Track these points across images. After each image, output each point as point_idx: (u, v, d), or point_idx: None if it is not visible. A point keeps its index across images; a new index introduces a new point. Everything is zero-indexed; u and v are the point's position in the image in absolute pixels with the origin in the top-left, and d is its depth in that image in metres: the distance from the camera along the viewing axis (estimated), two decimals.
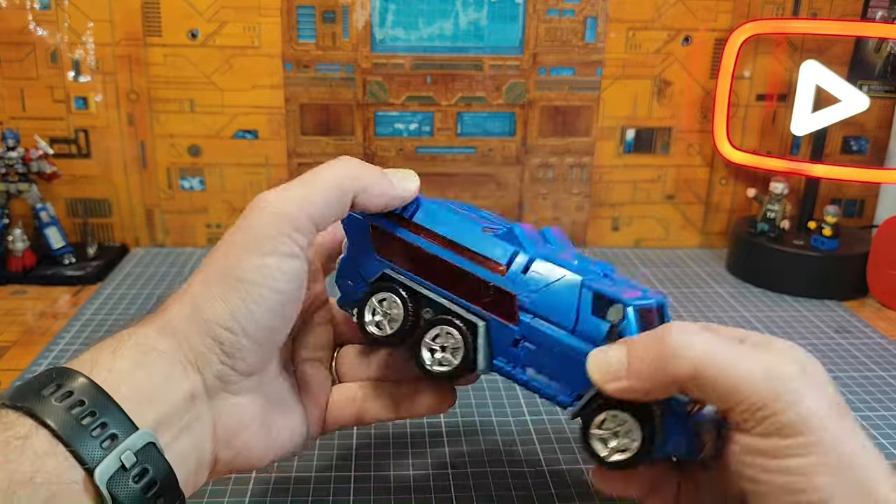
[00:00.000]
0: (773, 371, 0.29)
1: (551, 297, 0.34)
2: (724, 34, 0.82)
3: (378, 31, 0.80)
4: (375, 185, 0.36)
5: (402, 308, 0.38)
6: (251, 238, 0.33)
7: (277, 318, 0.34)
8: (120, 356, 0.31)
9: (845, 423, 0.30)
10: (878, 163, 0.88)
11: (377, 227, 0.39)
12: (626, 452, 0.32)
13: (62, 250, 0.77)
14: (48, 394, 0.28)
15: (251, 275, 0.33)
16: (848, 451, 0.29)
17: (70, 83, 0.79)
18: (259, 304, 0.33)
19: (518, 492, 0.45)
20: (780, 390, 0.29)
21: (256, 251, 0.33)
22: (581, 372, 0.33)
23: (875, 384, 0.59)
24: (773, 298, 0.75)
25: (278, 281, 0.33)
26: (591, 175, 0.87)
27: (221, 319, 0.32)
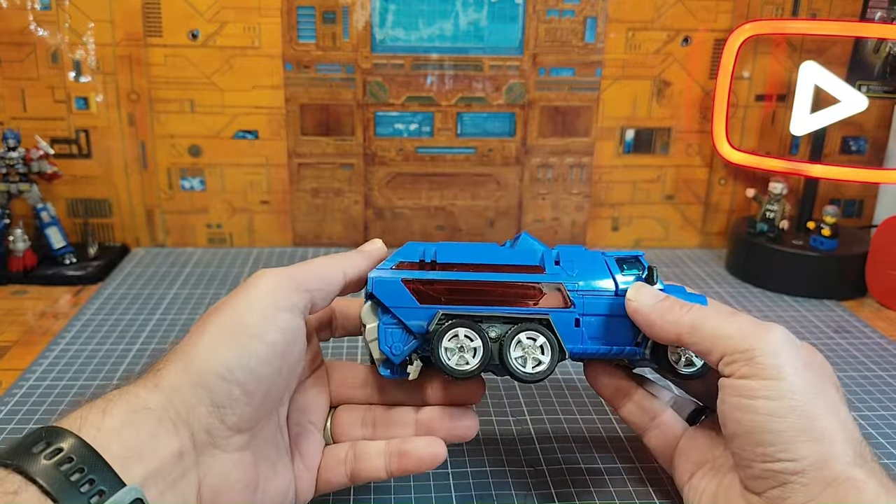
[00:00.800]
0: (751, 330, 0.36)
1: (589, 273, 0.41)
2: (723, 34, 0.82)
3: (378, 31, 0.80)
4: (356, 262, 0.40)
5: (478, 337, 0.39)
6: (250, 295, 0.35)
7: (272, 371, 0.34)
8: (109, 414, 0.31)
9: (823, 394, 0.34)
10: (877, 163, 0.88)
11: (409, 280, 0.40)
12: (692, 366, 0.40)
13: (63, 250, 0.77)
14: (38, 451, 0.29)
15: (247, 326, 0.34)
16: (824, 426, 0.33)
17: (71, 83, 0.79)
18: (252, 357, 0.33)
19: (518, 491, 0.45)
20: (756, 344, 0.35)
21: (254, 305, 0.35)
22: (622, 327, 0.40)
23: (874, 384, 0.59)
24: (773, 298, 0.75)
25: (274, 333, 0.34)
26: (591, 175, 0.87)
27: (214, 369, 0.33)
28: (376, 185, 0.86)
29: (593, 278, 0.41)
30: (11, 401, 0.53)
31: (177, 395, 0.33)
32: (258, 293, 0.35)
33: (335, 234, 0.87)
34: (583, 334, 0.40)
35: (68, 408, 0.32)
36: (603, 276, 0.41)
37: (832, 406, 0.34)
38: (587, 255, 0.42)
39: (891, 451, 0.50)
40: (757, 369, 0.34)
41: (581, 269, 0.41)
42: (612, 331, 0.40)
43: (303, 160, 0.84)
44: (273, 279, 0.36)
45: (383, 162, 0.85)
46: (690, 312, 0.38)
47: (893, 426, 0.53)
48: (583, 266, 0.41)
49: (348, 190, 0.86)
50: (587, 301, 0.40)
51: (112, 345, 0.62)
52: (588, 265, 0.41)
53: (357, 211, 0.87)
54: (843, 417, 0.34)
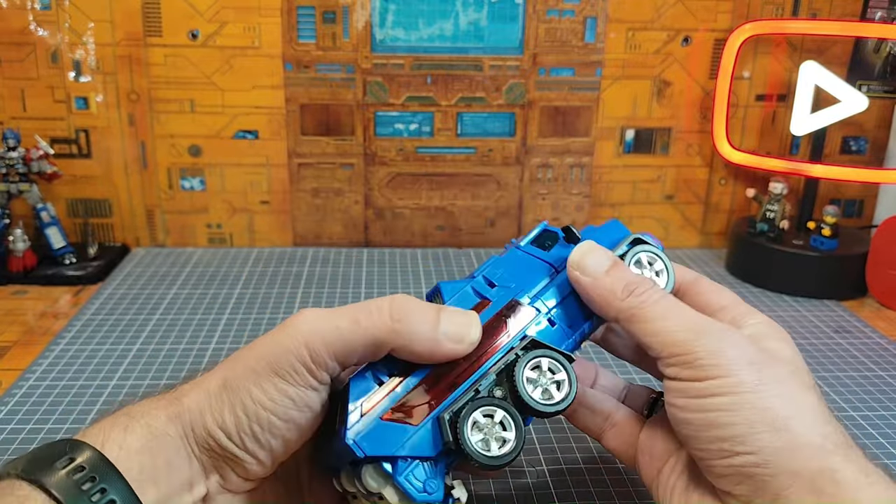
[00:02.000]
0: (691, 332, 0.33)
1: (526, 276, 0.38)
2: (723, 34, 0.82)
3: (378, 31, 0.80)
4: (420, 341, 0.33)
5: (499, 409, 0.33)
6: (274, 358, 0.33)
7: (282, 443, 0.34)
8: (131, 433, 0.32)
9: (782, 381, 0.32)
10: (878, 163, 0.88)
11: (387, 414, 0.34)
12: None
13: (63, 250, 0.77)
14: (60, 466, 0.30)
15: (263, 397, 0.33)
16: (782, 414, 0.31)
17: (71, 83, 0.79)
18: (264, 428, 0.33)
19: (518, 492, 0.45)
20: (695, 347, 0.32)
21: (275, 374, 0.33)
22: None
23: (875, 384, 0.59)
24: (773, 298, 0.75)
25: (289, 410, 0.33)
26: (591, 175, 0.87)
27: (227, 429, 0.33)
28: (376, 185, 0.86)
29: (532, 277, 0.38)
30: (11, 401, 0.53)
31: (192, 434, 0.33)
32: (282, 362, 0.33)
33: (335, 234, 0.87)
34: (562, 331, 0.37)
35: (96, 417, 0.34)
36: (538, 269, 0.38)
37: (793, 394, 0.32)
38: (510, 261, 0.39)
39: (891, 452, 0.50)
40: (699, 372, 0.32)
41: (516, 277, 0.38)
42: (575, 311, 0.37)
43: (303, 160, 0.84)
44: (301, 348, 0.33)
45: (383, 162, 0.85)
46: (632, 297, 0.35)
47: (893, 426, 0.53)
48: (515, 273, 0.38)
49: (348, 190, 0.86)
50: (542, 298, 0.37)
51: (112, 345, 0.62)
52: (518, 268, 0.38)
53: (357, 211, 0.86)
54: (811, 403, 0.32)
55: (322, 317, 0.33)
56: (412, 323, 0.33)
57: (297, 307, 0.70)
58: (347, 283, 0.77)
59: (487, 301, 0.37)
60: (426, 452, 0.33)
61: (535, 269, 0.38)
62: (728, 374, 0.32)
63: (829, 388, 0.58)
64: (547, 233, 0.40)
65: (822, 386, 0.58)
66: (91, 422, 0.34)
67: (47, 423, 0.51)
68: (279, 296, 0.73)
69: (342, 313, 0.33)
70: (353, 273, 0.80)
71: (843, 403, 0.56)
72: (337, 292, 0.74)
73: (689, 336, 0.33)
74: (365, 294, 0.74)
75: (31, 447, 0.48)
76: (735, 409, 0.31)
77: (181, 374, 0.58)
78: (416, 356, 0.34)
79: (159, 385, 0.56)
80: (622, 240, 0.39)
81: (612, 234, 0.40)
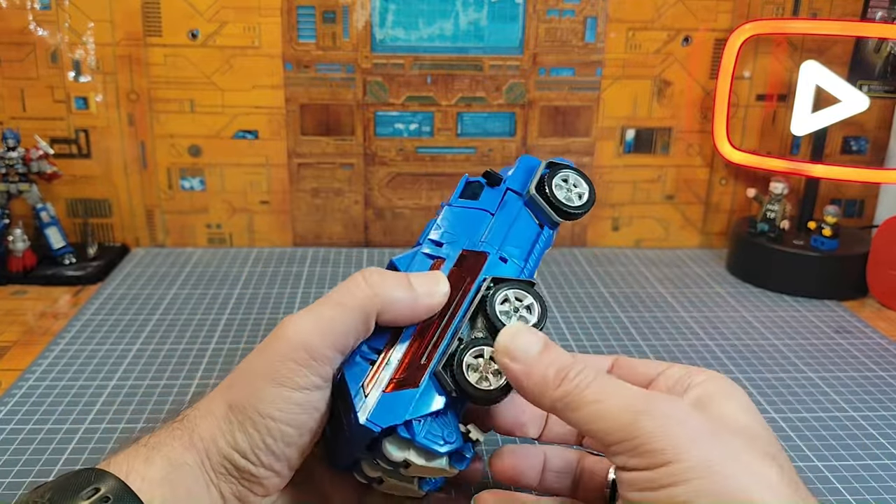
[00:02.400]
0: (629, 412, 0.29)
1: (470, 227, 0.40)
2: (724, 34, 0.82)
3: (378, 31, 0.80)
4: (399, 301, 0.35)
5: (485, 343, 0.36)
6: (273, 369, 0.33)
7: (296, 449, 0.34)
8: (151, 464, 0.32)
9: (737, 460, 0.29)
10: (878, 163, 0.88)
11: (391, 383, 0.35)
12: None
13: (62, 250, 0.77)
14: (86, 496, 0.30)
15: (270, 409, 0.33)
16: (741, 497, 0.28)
17: (70, 83, 0.79)
18: (277, 439, 0.33)
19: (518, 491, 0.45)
20: (636, 431, 0.29)
21: (277, 384, 0.33)
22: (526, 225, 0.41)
23: (875, 384, 0.59)
24: (773, 298, 0.75)
25: (298, 415, 0.34)
26: (592, 175, 0.87)
27: (241, 449, 0.33)
28: (376, 185, 0.86)
29: (472, 226, 0.40)
30: (11, 401, 0.53)
31: (208, 460, 0.33)
32: (279, 369, 0.33)
33: (335, 234, 0.87)
34: (514, 264, 0.39)
35: (116, 445, 0.35)
36: (475, 218, 0.40)
37: (751, 469, 0.29)
38: (448, 219, 0.41)
39: (891, 452, 0.50)
40: (646, 459, 0.29)
41: (458, 231, 0.40)
42: (520, 233, 0.40)
43: (303, 160, 0.84)
44: (294, 351, 0.33)
45: (383, 162, 0.85)
46: (564, 383, 0.31)
47: (894, 426, 0.53)
48: (456, 228, 0.40)
49: (348, 190, 0.86)
50: (488, 240, 0.40)
51: (112, 345, 0.62)
52: (457, 223, 0.40)
53: (357, 211, 0.86)
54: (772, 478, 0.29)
55: (307, 315, 0.34)
56: (389, 288, 0.35)
57: (297, 307, 0.70)
58: None
59: (441, 259, 0.39)
60: (435, 407, 0.34)
61: (473, 218, 0.40)
62: (676, 458, 0.28)
63: (829, 388, 0.58)
64: (471, 184, 0.42)
65: (822, 386, 0.58)
66: (110, 451, 0.36)
67: (47, 423, 0.51)
68: (279, 296, 0.73)
69: (324, 304, 0.34)
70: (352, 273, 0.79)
71: (844, 403, 0.56)
72: None
73: (628, 417, 0.29)
74: None
75: (31, 447, 0.48)
76: (692, 500, 0.28)
77: (181, 374, 0.58)
78: (399, 319, 0.35)
79: (158, 385, 0.56)
80: (537, 168, 0.42)
81: (526, 168, 0.43)
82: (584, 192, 0.42)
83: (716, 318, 0.70)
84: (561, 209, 0.41)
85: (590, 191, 0.42)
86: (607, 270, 0.82)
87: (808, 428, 0.53)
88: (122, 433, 0.50)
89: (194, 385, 0.56)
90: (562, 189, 0.41)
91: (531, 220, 0.41)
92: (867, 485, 0.46)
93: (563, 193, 0.41)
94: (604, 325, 0.68)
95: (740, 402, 0.33)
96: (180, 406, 0.53)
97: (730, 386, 0.34)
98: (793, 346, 0.65)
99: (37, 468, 0.46)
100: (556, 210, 0.41)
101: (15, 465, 0.46)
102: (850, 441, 0.51)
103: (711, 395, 0.33)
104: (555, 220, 0.42)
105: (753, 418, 0.32)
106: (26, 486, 0.44)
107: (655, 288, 0.77)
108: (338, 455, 0.38)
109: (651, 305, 0.73)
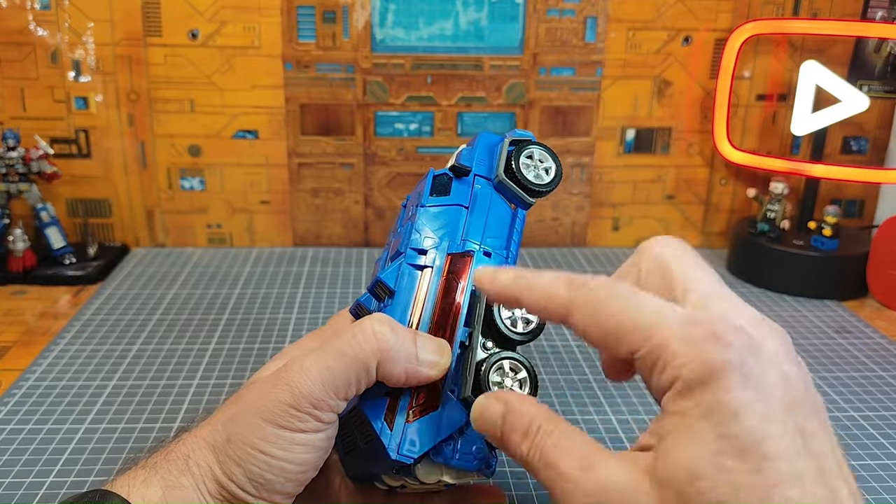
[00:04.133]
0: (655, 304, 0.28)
1: (440, 224, 0.39)
2: (724, 34, 0.82)
3: (378, 31, 0.80)
4: (400, 362, 0.34)
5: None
6: (274, 413, 0.33)
7: (297, 483, 0.34)
8: (150, 486, 0.33)
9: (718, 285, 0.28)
10: (878, 163, 0.88)
11: (412, 406, 0.36)
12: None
13: (62, 250, 0.77)
14: None
15: (270, 448, 0.33)
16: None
17: (70, 83, 0.79)
18: (276, 474, 0.33)
19: (518, 492, 0.45)
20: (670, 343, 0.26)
21: (282, 428, 0.33)
22: (500, 211, 0.40)
23: (875, 384, 0.59)
24: (774, 298, 0.75)
25: (300, 454, 0.34)
26: (592, 175, 0.87)
27: (237, 481, 0.33)
28: (376, 185, 0.86)
29: (451, 225, 0.39)
30: (11, 401, 0.53)
31: (204, 485, 0.34)
32: (282, 413, 0.33)
33: (335, 234, 0.87)
34: (498, 255, 0.39)
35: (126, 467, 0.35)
36: (452, 216, 0.39)
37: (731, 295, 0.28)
38: (426, 222, 0.39)
39: (891, 452, 0.50)
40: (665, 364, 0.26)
41: (438, 233, 0.39)
42: (496, 221, 0.40)
43: (303, 160, 0.84)
44: (295, 399, 0.33)
45: (383, 162, 0.85)
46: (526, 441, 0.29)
47: (894, 426, 0.53)
48: (435, 230, 0.39)
49: (348, 190, 0.86)
50: (469, 237, 0.39)
51: (112, 345, 0.62)
52: (435, 224, 0.39)
53: (357, 211, 0.86)
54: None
55: (312, 364, 0.34)
56: (394, 351, 0.34)
57: (296, 307, 0.70)
58: (347, 283, 0.77)
59: (429, 268, 0.38)
60: (458, 424, 0.34)
61: (450, 216, 0.39)
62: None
63: (829, 388, 0.58)
64: (438, 178, 0.41)
65: (822, 386, 0.58)
66: (118, 471, 0.35)
67: (47, 423, 0.51)
68: (279, 296, 0.73)
69: (328, 350, 0.34)
70: (353, 273, 0.79)
71: (844, 403, 0.56)
72: (337, 292, 0.74)
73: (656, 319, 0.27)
74: None
75: (31, 447, 0.48)
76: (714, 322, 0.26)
77: (181, 374, 0.58)
78: (392, 380, 0.34)
79: (158, 385, 0.56)
80: (499, 145, 0.41)
81: (487, 146, 0.42)
82: (551, 166, 0.41)
83: None
84: (532, 189, 0.40)
85: (556, 165, 0.41)
86: (607, 270, 0.82)
87: None
88: (122, 433, 0.50)
89: (194, 385, 0.56)
90: (530, 168, 0.40)
91: (504, 204, 0.41)
92: (867, 485, 0.46)
93: (533, 173, 0.40)
94: None
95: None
96: (178, 407, 0.53)
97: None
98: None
99: (37, 468, 0.46)
100: (527, 191, 0.40)
101: (15, 465, 0.46)
102: (850, 441, 0.51)
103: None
104: (528, 202, 0.41)
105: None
106: (26, 486, 0.44)
107: None
108: (353, 469, 0.38)
109: None
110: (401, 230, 0.41)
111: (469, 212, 0.40)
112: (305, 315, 0.69)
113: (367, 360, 0.33)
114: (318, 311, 0.70)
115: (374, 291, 0.38)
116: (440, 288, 0.37)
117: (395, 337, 0.34)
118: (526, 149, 0.41)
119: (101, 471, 0.46)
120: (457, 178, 0.41)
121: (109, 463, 0.47)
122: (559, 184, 0.41)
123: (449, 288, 0.37)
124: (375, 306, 0.38)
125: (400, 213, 0.44)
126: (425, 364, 0.34)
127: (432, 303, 0.37)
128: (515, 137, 0.41)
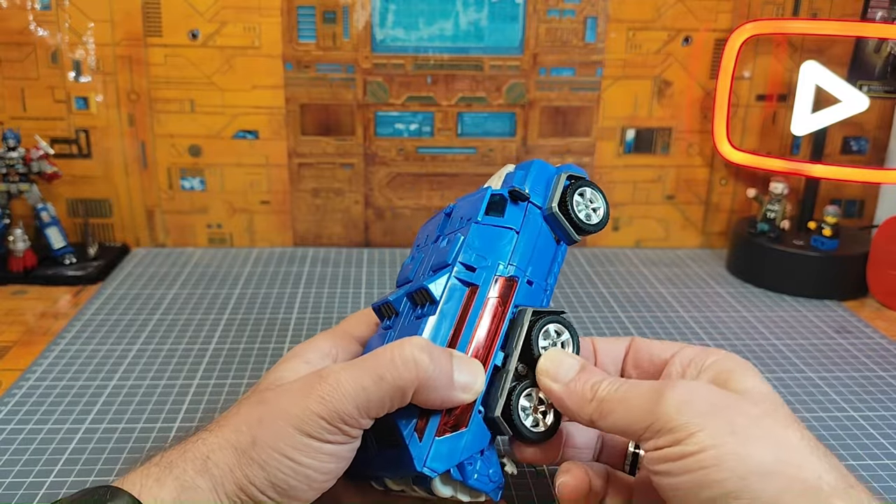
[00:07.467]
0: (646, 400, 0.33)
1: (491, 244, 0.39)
2: (724, 34, 0.82)
3: (378, 31, 0.80)
4: (437, 393, 0.35)
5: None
6: (304, 423, 0.33)
7: (317, 491, 0.35)
8: (163, 486, 0.33)
9: (758, 426, 0.31)
10: (878, 163, 0.88)
11: (440, 426, 0.36)
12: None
13: (63, 250, 0.77)
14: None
15: (297, 455, 0.33)
16: (767, 458, 0.30)
17: (70, 83, 0.79)
18: (301, 481, 0.34)
19: (518, 491, 0.45)
20: (653, 416, 0.32)
21: (311, 438, 0.33)
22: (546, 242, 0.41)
23: (875, 384, 0.59)
24: (773, 298, 0.75)
25: (326, 463, 0.34)
26: (592, 175, 0.87)
27: (259, 485, 0.33)
28: (376, 185, 0.86)
29: (500, 247, 0.39)
30: (11, 401, 0.53)
31: (222, 487, 0.33)
32: (312, 423, 0.33)
33: (335, 234, 0.87)
34: (538, 285, 0.40)
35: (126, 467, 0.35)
36: (503, 238, 0.39)
37: (773, 434, 0.31)
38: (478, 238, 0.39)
39: (891, 452, 0.50)
40: (667, 438, 0.31)
41: (487, 252, 0.39)
42: (542, 252, 0.40)
43: (303, 160, 0.84)
44: (328, 412, 0.33)
45: (384, 162, 0.85)
46: (597, 398, 0.35)
47: (894, 426, 0.53)
48: (485, 249, 0.39)
49: (348, 190, 0.86)
50: (516, 262, 0.39)
51: (112, 345, 0.62)
52: (485, 243, 0.39)
53: (357, 211, 0.86)
54: (793, 441, 0.31)
55: (348, 380, 0.34)
56: (431, 380, 0.34)
57: (297, 307, 0.70)
58: (347, 283, 0.77)
59: (476, 286, 0.38)
60: (482, 445, 0.36)
61: (501, 238, 0.40)
62: (701, 427, 0.31)
63: (829, 388, 0.58)
64: (494, 198, 0.41)
65: (822, 386, 0.58)
66: (124, 470, 0.36)
67: (47, 423, 0.51)
68: (279, 296, 0.73)
69: (365, 371, 0.34)
70: (353, 273, 0.79)
71: (844, 403, 0.56)
72: (337, 292, 0.74)
73: (649, 405, 0.32)
74: (365, 294, 0.74)
75: (31, 447, 0.48)
76: (718, 463, 0.30)
77: (181, 374, 0.58)
78: (426, 406, 0.35)
79: (159, 385, 0.56)
80: (555, 177, 0.42)
81: (543, 177, 0.42)
82: (600, 207, 0.42)
83: (716, 318, 0.70)
84: (580, 227, 0.41)
85: (605, 207, 0.42)
86: (607, 270, 0.82)
87: (809, 428, 0.52)
88: (122, 433, 0.50)
89: (194, 385, 0.56)
90: (581, 206, 0.41)
91: (550, 236, 0.41)
92: (867, 485, 0.46)
93: (584, 212, 0.41)
94: (604, 324, 0.68)
95: (757, 376, 0.35)
96: (179, 407, 0.53)
97: (745, 362, 0.36)
98: (793, 346, 0.65)
99: (37, 468, 0.46)
100: (575, 228, 0.41)
101: (15, 465, 0.46)
102: (850, 441, 0.51)
103: (730, 370, 0.35)
104: (573, 238, 0.42)
105: (771, 391, 0.34)
106: (26, 486, 0.44)
107: (656, 288, 0.77)
108: (358, 469, 0.38)
109: (651, 305, 0.73)
110: (444, 238, 0.41)
111: (518, 237, 0.40)
112: (305, 315, 0.69)
113: (405, 388, 0.34)
114: (318, 311, 0.70)
115: (412, 296, 0.39)
116: (485, 309, 0.38)
117: (433, 367, 0.34)
118: (580, 187, 0.42)
119: (102, 471, 0.46)
120: (512, 201, 0.41)
121: (109, 463, 0.47)
122: (605, 226, 0.42)
123: (493, 311, 0.38)
124: (408, 309, 0.39)
125: (440, 219, 0.44)
126: (460, 387, 0.35)
127: (474, 322, 0.37)
128: (572, 173, 0.42)
